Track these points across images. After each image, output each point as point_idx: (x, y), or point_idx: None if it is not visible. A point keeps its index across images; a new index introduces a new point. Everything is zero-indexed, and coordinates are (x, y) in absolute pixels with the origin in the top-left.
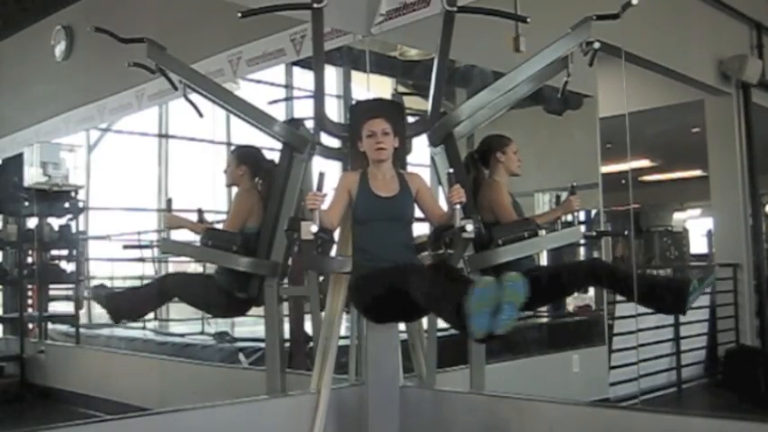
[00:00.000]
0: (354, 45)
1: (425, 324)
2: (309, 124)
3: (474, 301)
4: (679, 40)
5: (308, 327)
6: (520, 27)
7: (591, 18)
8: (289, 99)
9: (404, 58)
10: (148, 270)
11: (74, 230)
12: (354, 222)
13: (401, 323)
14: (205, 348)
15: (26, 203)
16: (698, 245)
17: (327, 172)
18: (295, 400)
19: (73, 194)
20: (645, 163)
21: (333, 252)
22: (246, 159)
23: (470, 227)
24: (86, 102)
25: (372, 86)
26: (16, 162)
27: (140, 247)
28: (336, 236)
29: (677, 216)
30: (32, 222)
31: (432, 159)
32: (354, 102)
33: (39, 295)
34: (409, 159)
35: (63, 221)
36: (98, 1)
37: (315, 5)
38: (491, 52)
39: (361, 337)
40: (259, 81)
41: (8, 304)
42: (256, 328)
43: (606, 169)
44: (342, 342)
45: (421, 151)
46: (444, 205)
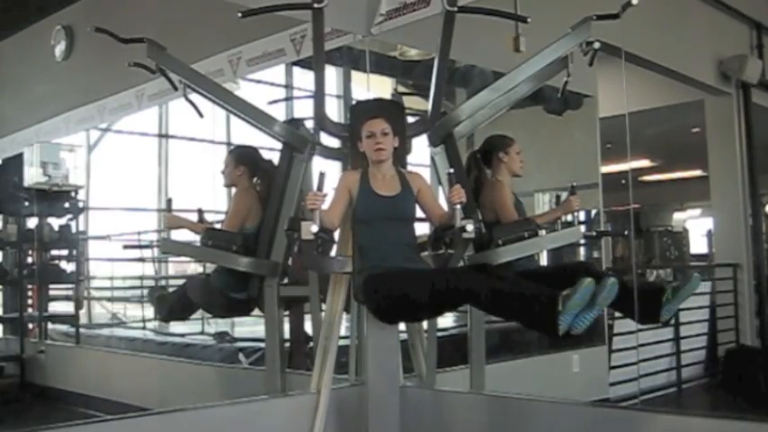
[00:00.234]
0: (354, 45)
1: (425, 324)
2: (309, 124)
3: (576, 300)
4: (679, 40)
5: (308, 327)
6: (520, 27)
7: (591, 18)
8: (289, 99)
9: (404, 58)
10: (148, 270)
11: (74, 230)
12: (356, 222)
13: (414, 323)
14: (205, 348)
15: (26, 203)
16: (698, 245)
17: (327, 172)
18: (295, 400)
19: (73, 194)
20: (645, 163)
21: (333, 252)
22: (244, 159)
23: (470, 227)
24: (86, 102)
25: (372, 86)
26: (16, 162)
27: (140, 247)
28: (336, 236)
29: (677, 216)
30: (32, 222)
31: (432, 159)
32: (354, 102)
33: (39, 295)
34: (409, 159)
35: (63, 221)
36: (98, 1)
37: (315, 5)
38: (491, 52)
39: (361, 337)
40: (259, 81)
41: (8, 304)
42: (256, 328)
43: (606, 169)
44: (342, 342)
45: (421, 151)
46: (445, 205)
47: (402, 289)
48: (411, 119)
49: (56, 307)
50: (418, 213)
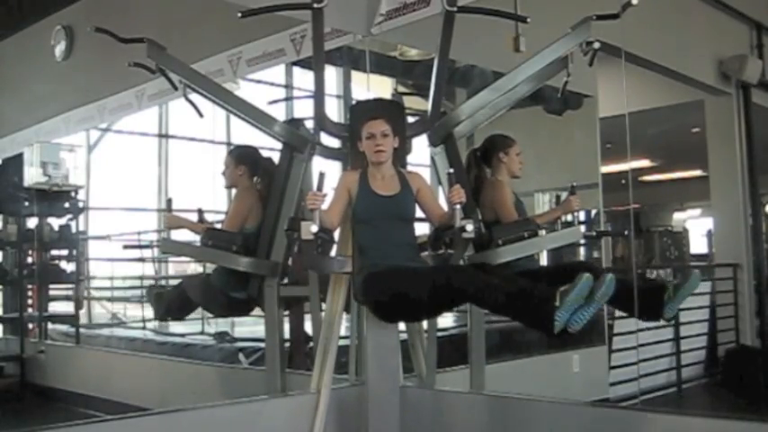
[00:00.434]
0: (354, 45)
1: (425, 324)
2: (309, 124)
3: (573, 296)
4: (679, 40)
5: (308, 327)
6: (520, 27)
7: (591, 18)
8: (289, 99)
9: (404, 58)
10: (148, 270)
11: (74, 230)
12: (355, 222)
13: (414, 322)
14: (205, 348)
15: (26, 203)
16: (698, 245)
17: (327, 172)
18: (295, 400)
19: (73, 194)
20: (645, 163)
21: (333, 252)
22: (245, 159)
23: (470, 227)
24: (86, 102)
25: (372, 86)
26: (16, 162)
27: (140, 247)
28: (336, 236)
29: (677, 216)
30: (32, 222)
31: (432, 159)
32: (354, 102)
33: (39, 295)
34: (409, 159)
35: (63, 221)
36: (98, 1)
37: (315, 5)
38: (491, 52)
39: (361, 337)
40: (259, 81)
41: (8, 304)
42: (256, 328)
43: (606, 169)
44: (342, 342)
45: (421, 151)
46: (444, 205)
47: (401, 287)
48: (411, 119)
49: (56, 307)
50: (418, 213)
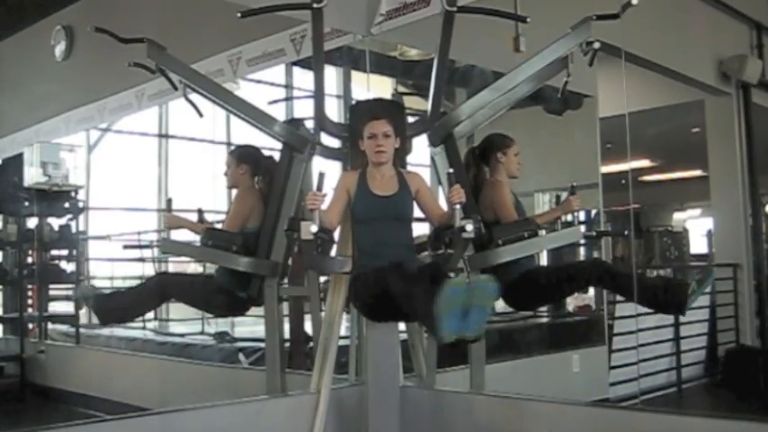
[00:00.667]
0: (354, 45)
1: None
2: (309, 124)
3: (443, 303)
4: (679, 40)
5: (308, 327)
6: (520, 27)
7: (591, 18)
8: (289, 99)
9: (404, 58)
10: (148, 270)
11: (74, 230)
12: (353, 222)
13: (401, 322)
14: (205, 348)
15: (26, 203)
16: (698, 245)
17: (327, 172)
18: (295, 400)
19: (73, 194)
20: (645, 163)
21: (333, 252)
22: (246, 158)
23: (470, 227)
24: (86, 102)
25: (372, 86)
26: (16, 162)
27: (140, 247)
28: (337, 236)
29: (677, 216)
30: (32, 222)
31: (432, 159)
32: (354, 102)
33: (39, 295)
34: (409, 159)
35: (63, 221)
36: (98, 1)
37: (315, 5)
38: (491, 52)
39: (361, 337)
40: (259, 81)
41: (8, 304)
42: (256, 328)
43: (606, 169)
44: (342, 342)
45: (421, 151)
46: (444, 205)
47: (381, 285)
48: (411, 119)
49: (56, 307)
50: (418, 213)
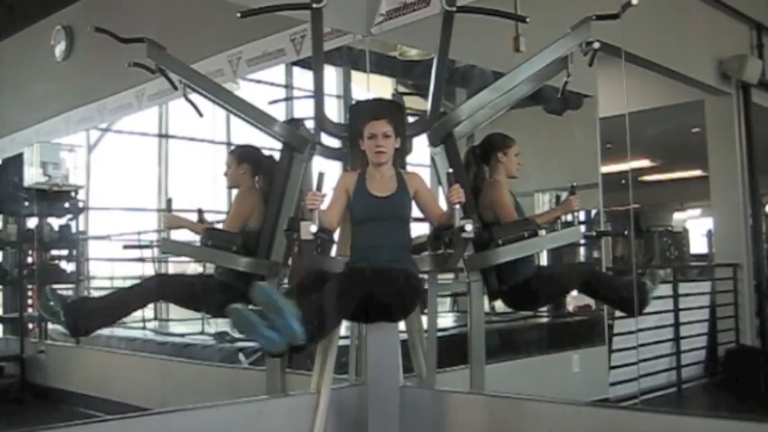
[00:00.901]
0: (354, 45)
1: (425, 324)
2: (309, 124)
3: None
4: (679, 40)
5: None
6: (520, 27)
7: (591, 18)
8: (289, 99)
9: (404, 58)
10: (148, 270)
11: (74, 230)
12: (352, 222)
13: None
14: (205, 348)
15: (26, 203)
16: (698, 245)
17: (327, 172)
18: (295, 400)
19: (73, 194)
20: (645, 163)
21: (333, 252)
22: (247, 158)
23: (470, 227)
24: (86, 102)
25: (372, 86)
26: (16, 162)
27: (140, 247)
28: (337, 236)
29: (677, 216)
30: (32, 222)
31: (432, 159)
32: (354, 102)
33: (39, 295)
34: (409, 159)
35: (63, 221)
36: (98, 1)
37: (314, 5)
38: (491, 52)
39: (361, 337)
40: (259, 81)
41: (8, 304)
42: None
43: (606, 169)
44: (342, 342)
45: (421, 151)
46: (444, 205)
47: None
48: (411, 119)
49: None
50: (417, 213)
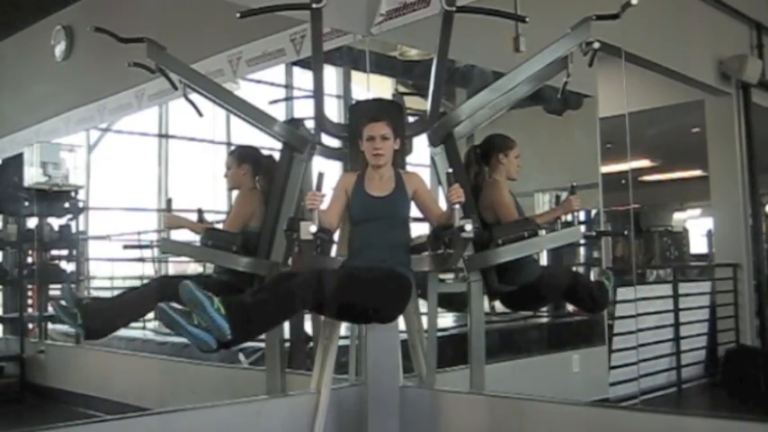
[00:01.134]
0: (354, 45)
1: (425, 324)
2: (309, 124)
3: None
4: (679, 40)
5: (308, 327)
6: (520, 27)
7: (591, 18)
8: (289, 99)
9: (404, 58)
10: (148, 270)
11: (74, 230)
12: (350, 223)
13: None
14: None
15: (26, 203)
16: (698, 245)
17: (327, 172)
18: (295, 400)
19: (73, 194)
20: (645, 163)
21: (333, 252)
22: (247, 158)
23: (469, 226)
24: (86, 102)
25: (372, 86)
26: (16, 162)
27: (140, 247)
28: (337, 236)
29: (677, 216)
30: (32, 222)
31: (432, 159)
32: (354, 102)
33: (39, 295)
34: (409, 159)
35: (63, 221)
36: (98, 1)
37: (314, 5)
38: (491, 52)
39: (361, 337)
40: (259, 81)
41: (8, 304)
42: None
43: (606, 169)
44: (342, 342)
45: (421, 151)
46: (444, 205)
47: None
48: (411, 119)
49: None
50: (418, 214)
